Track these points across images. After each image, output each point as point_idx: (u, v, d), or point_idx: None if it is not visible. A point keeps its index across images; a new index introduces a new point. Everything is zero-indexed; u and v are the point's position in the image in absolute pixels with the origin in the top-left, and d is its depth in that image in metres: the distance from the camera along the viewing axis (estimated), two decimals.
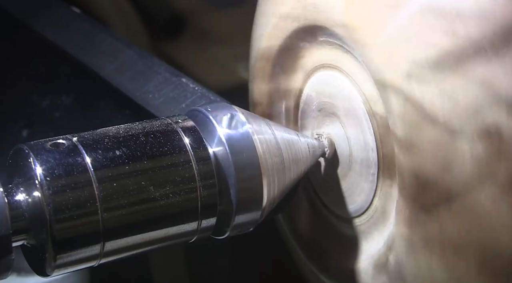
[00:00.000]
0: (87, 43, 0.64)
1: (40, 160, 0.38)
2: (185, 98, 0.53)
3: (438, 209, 0.39)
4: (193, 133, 0.42)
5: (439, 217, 0.39)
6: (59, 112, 0.64)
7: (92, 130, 0.42)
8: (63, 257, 0.39)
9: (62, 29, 0.66)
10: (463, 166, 0.37)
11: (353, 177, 0.46)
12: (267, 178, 0.43)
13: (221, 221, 0.43)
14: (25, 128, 0.66)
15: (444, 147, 0.38)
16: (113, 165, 0.40)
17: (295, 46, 0.48)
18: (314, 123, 0.49)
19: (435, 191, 0.39)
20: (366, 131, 0.44)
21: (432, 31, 0.38)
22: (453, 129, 0.37)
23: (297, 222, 0.52)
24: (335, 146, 0.47)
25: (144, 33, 0.93)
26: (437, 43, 0.38)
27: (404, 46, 0.39)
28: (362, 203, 0.46)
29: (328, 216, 0.50)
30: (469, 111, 0.37)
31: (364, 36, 0.41)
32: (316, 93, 0.48)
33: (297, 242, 0.52)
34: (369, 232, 0.46)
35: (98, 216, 0.39)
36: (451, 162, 0.38)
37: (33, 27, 0.68)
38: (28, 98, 0.67)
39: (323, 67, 0.47)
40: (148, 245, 0.41)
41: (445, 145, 0.38)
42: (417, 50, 0.39)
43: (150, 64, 0.58)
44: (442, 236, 0.39)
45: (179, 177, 0.41)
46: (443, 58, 0.38)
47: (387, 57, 0.40)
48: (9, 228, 0.38)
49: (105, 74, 0.59)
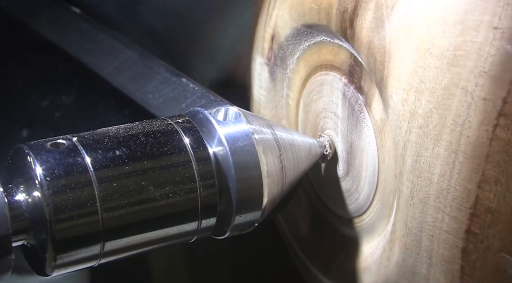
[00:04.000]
0: (87, 43, 0.64)
1: (40, 160, 0.38)
2: (185, 98, 0.53)
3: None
4: (193, 133, 0.42)
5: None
6: (59, 112, 0.64)
7: (92, 130, 0.42)
8: (63, 257, 0.39)
9: (62, 29, 0.66)
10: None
11: (353, 177, 0.46)
12: (267, 178, 0.43)
13: (221, 221, 0.43)
14: (25, 128, 0.66)
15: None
16: (113, 165, 0.40)
17: (295, 46, 0.48)
18: (314, 123, 0.49)
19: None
20: (366, 131, 0.44)
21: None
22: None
23: (297, 223, 0.52)
24: (335, 146, 0.47)
25: None
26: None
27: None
28: (362, 203, 0.46)
29: (328, 216, 0.50)
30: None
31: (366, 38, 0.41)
32: (316, 93, 0.48)
33: (297, 243, 0.52)
34: (369, 232, 0.46)
35: (98, 216, 0.39)
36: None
37: (33, 27, 0.68)
38: (28, 98, 0.67)
39: (323, 67, 0.47)
40: (148, 245, 0.41)
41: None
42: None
43: (150, 64, 0.58)
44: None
45: (179, 177, 0.41)
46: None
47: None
48: (9, 228, 0.38)
49: (105, 74, 0.59)
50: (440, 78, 0.37)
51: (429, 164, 0.38)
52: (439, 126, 0.37)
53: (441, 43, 0.37)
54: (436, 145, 0.37)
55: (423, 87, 0.38)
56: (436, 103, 0.37)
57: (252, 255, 0.82)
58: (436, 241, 0.39)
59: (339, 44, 0.45)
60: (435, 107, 0.37)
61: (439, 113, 0.37)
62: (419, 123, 0.38)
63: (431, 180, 0.38)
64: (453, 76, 0.36)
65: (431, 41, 0.37)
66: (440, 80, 0.37)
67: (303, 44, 0.48)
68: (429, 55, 0.37)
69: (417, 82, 0.38)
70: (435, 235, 0.39)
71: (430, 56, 0.37)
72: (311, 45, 0.47)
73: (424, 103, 0.38)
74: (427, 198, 0.38)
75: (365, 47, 0.41)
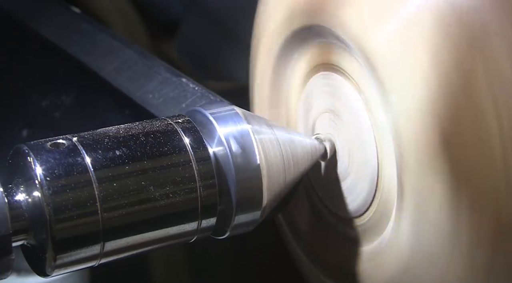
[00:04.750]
0: (87, 43, 0.64)
1: (40, 160, 0.38)
2: (185, 98, 0.53)
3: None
4: (193, 133, 0.42)
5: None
6: (59, 112, 0.64)
7: (92, 130, 0.42)
8: (63, 257, 0.39)
9: (62, 29, 0.66)
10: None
11: (353, 177, 0.46)
12: (267, 178, 0.43)
13: (221, 221, 0.43)
14: (25, 128, 0.66)
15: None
16: (113, 165, 0.40)
17: (296, 46, 0.48)
18: (315, 123, 0.49)
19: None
20: (366, 131, 0.44)
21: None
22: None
23: (297, 222, 0.52)
24: (335, 146, 0.47)
25: (144, 33, 0.93)
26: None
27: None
28: (362, 203, 0.46)
29: (328, 216, 0.50)
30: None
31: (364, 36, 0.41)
32: (316, 93, 0.48)
33: (297, 242, 0.52)
34: (369, 232, 0.46)
35: (98, 216, 0.39)
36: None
37: (33, 27, 0.68)
38: (28, 98, 0.67)
39: (323, 67, 0.47)
40: (148, 245, 0.41)
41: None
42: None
43: (150, 64, 0.58)
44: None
45: (179, 177, 0.41)
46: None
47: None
48: (9, 228, 0.38)
49: (105, 74, 0.59)
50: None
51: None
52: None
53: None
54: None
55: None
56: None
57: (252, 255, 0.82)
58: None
59: (338, 44, 0.45)
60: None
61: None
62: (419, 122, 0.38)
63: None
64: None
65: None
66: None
67: (304, 44, 0.48)
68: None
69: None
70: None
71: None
72: (312, 46, 0.47)
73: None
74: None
75: (364, 47, 0.41)
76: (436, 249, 0.39)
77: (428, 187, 0.39)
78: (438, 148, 0.38)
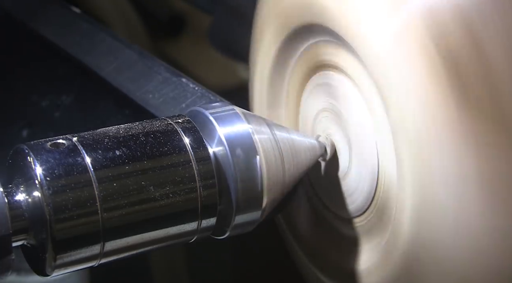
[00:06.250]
0: (87, 43, 0.64)
1: (40, 160, 0.38)
2: (185, 98, 0.53)
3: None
4: (193, 133, 0.42)
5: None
6: (59, 112, 0.64)
7: (92, 130, 0.42)
8: (63, 257, 0.39)
9: (62, 29, 0.66)
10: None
11: (353, 177, 0.46)
12: (267, 178, 0.43)
13: (221, 221, 0.43)
14: (25, 128, 0.66)
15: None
16: (113, 165, 0.40)
17: (295, 46, 0.48)
18: (315, 123, 0.49)
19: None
20: (366, 130, 0.44)
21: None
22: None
23: (297, 222, 0.52)
24: (335, 146, 0.47)
25: (144, 33, 0.93)
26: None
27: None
28: (362, 203, 0.46)
29: (328, 216, 0.50)
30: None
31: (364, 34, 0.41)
32: (316, 93, 0.48)
33: (297, 242, 0.52)
34: (369, 232, 0.46)
35: (98, 216, 0.39)
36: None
37: (33, 27, 0.68)
38: (28, 98, 0.67)
39: (323, 67, 0.47)
40: (148, 245, 0.41)
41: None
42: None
43: (150, 64, 0.58)
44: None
45: (179, 177, 0.41)
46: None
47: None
48: (9, 228, 0.38)
49: (105, 74, 0.59)
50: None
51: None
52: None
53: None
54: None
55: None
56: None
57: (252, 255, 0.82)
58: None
59: (338, 44, 0.45)
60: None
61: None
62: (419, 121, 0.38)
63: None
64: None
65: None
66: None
67: (303, 43, 0.48)
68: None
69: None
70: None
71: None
72: (311, 45, 0.47)
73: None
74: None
75: (364, 47, 0.41)
76: (437, 249, 0.39)
77: (428, 187, 0.39)
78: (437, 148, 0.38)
